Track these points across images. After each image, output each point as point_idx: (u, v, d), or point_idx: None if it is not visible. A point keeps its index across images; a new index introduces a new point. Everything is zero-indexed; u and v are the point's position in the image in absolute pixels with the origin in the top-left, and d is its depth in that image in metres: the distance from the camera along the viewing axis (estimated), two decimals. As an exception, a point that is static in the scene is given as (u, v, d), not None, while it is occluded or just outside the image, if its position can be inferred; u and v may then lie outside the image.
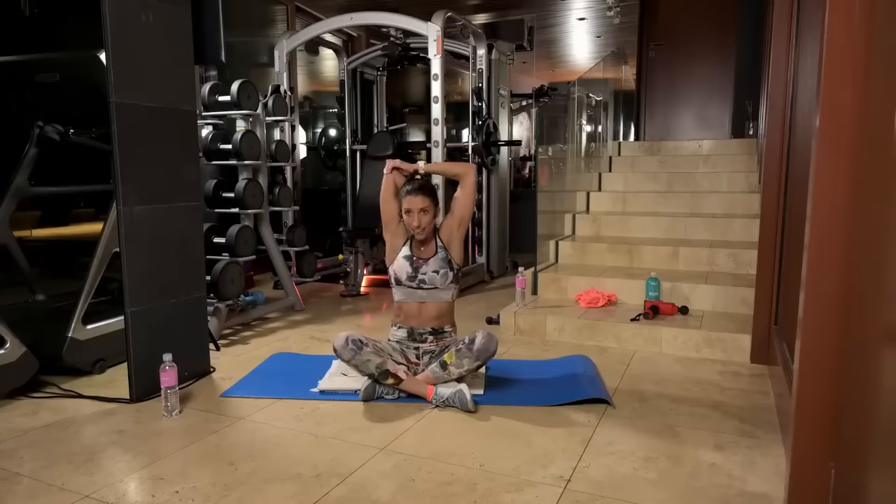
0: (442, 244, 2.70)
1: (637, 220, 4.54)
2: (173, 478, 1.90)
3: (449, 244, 2.69)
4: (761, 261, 2.93)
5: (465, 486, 1.83)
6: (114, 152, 2.42)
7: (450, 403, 2.40)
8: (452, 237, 2.70)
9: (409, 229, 2.67)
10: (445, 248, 2.69)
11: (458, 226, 2.71)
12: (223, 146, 3.87)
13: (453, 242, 2.70)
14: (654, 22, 7.11)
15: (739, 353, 3.06)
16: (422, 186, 2.65)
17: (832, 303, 1.43)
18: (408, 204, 2.62)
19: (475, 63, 5.12)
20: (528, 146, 9.39)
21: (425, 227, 2.63)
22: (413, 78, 6.17)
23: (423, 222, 2.61)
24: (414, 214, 2.60)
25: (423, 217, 2.61)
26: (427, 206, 2.62)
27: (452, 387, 2.43)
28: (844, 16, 1.39)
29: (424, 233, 2.65)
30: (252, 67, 5.93)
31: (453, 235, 2.70)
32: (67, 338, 2.74)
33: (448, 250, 2.69)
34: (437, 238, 2.71)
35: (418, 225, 2.61)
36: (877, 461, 1.10)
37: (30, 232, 3.87)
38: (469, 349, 2.48)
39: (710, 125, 6.98)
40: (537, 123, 9.14)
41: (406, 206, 2.62)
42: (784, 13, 2.79)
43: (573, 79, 5.47)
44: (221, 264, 3.55)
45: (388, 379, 2.45)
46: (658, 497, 1.78)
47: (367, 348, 2.48)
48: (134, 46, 2.47)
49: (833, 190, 1.42)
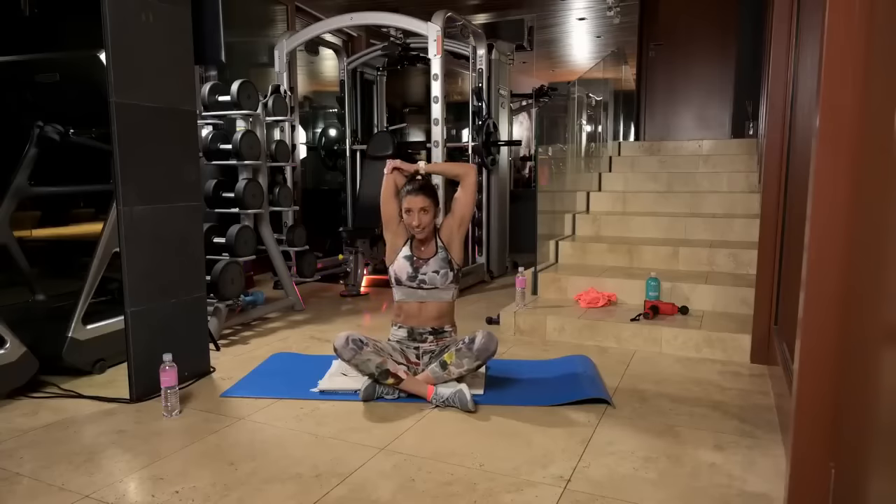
0: (442, 244, 2.70)
1: (637, 220, 4.54)
2: (173, 478, 1.90)
3: (449, 244, 2.70)
4: (761, 261, 2.93)
5: (465, 486, 1.83)
6: (114, 152, 2.42)
7: (450, 403, 2.40)
8: (453, 237, 2.70)
9: (409, 229, 2.67)
10: (446, 249, 2.69)
11: (459, 226, 2.71)
12: (223, 146, 3.87)
13: (453, 243, 2.70)
14: (654, 22, 7.11)
15: (739, 353, 3.06)
16: (422, 186, 2.65)
17: (832, 303, 1.43)
18: (408, 203, 2.62)
19: (475, 63, 5.12)
20: (528, 146, 9.39)
21: (425, 226, 2.63)
22: (413, 78, 6.17)
23: (423, 222, 2.62)
24: (414, 214, 2.61)
25: (424, 216, 2.61)
26: (427, 206, 2.62)
27: (452, 387, 2.43)
28: (844, 16, 1.39)
29: (424, 232, 2.65)
30: (252, 67, 5.93)
31: (454, 236, 2.70)
32: (67, 338, 2.74)
33: (448, 250, 2.69)
34: (437, 238, 2.71)
35: (418, 224, 2.61)
36: (877, 461, 1.10)
37: (30, 232, 3.87)
38: (469, 349, 2.48)
39: (710, 125, 6.98)
40: (537, 123, 9.14)
41: (406, 206, 2.63)
42: (784, 13, 2.79)
43: (573, 79, 5.47)
44: (221, 264, 3.55)
45: (388, 379, 2.45)
46: (658, 497, 1.78)
47: (367, 348, 2.48)
48: (134, 46, 2.47)
49: (833, 190, 1.42)
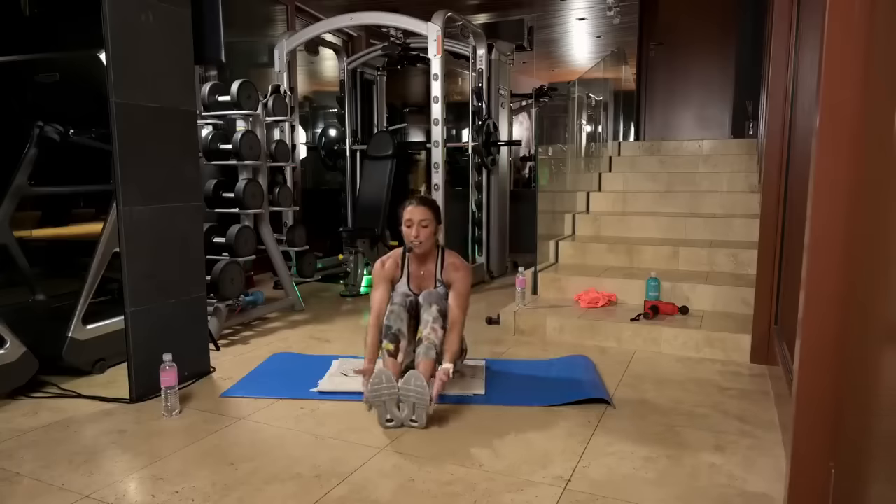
0: (441, 281, 2.68)
1: (637, 220, 4.54)
2: (173, 478, 1.90)
3: (449, 285, 2.67)
4: (761, 261, 2.93)
5: (465, 486, 1.83)
6: (114, 152, 2.42)
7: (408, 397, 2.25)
8: (453, 284, 2.66)
9: (407, 242, 2.63)
10: (445, 286, 2.67)
11: (455, 295, 2.65)
12: (223, 146, 3.88)
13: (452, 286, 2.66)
14: (654, 22, 7.11)
15: (739, 353, 3.06)
16: (424, 199, 2.65)
17: (832, 303, 1.43)
18: (409, 214, 2.59)
19: (475, 63, 5.12)
20: (528, 146, 9.39)
21: (424, 240, 2.60)
22: (413, 78, 6.16)
23: (422, 235, 2.59)
24: (414, 225, 2.58)
25: (423, 230, 2.59)
26: (427, 220, 2.59)
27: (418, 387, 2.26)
28: (844, 15, 1.39)
29: (423, 247, 2.61)
30: (252, 67, 5.93)
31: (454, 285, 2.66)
32: (67, 338, 2.74)
33: (448, 288, 2.66)
34: (437, 273, 2.69)
35: (416, 236, 2.58)
36: (877, 461, 1.10)
37: (30, 232, 3.86)
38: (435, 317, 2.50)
39: (710, 125, 6.98)
40: (537, 123, 9.14)
41: (407, 217, 2.60)
42: (784, 13, 2.79)
43: (573, 79, 5.47)
44: (221, 264, 3.55)
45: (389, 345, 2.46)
46: (658, 497, 1.78)
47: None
48: (134, 46, 2.47)
49: (833, 190, 1.42)
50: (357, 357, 3.05)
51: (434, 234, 2.64)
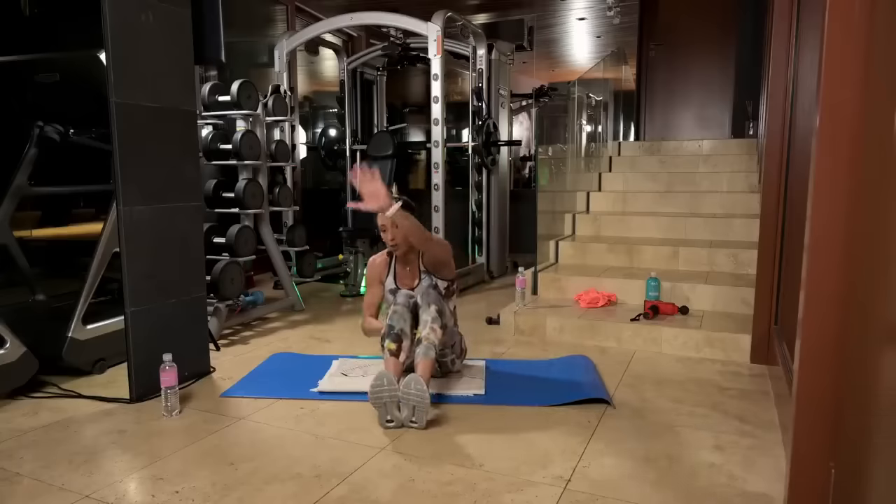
0: (425, 270, 2.71)
1: (637, 220, 4.54)
2: (173, 478, 1.90)
3: (434, 269, 2.69)
4: (761, 261, 2.93)
5: (465, 486, 1.83)
6: (114, 152, 2.42)
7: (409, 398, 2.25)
8: (436, 264, 2.69)
9: (387, 245, 2.68)
10: (430, 274, 2.70)
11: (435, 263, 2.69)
12: (223, 146, 3.87)
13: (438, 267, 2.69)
14: (654, 22, 7.11)
15: (739, 353, 3.06)
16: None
17: (832, 303, 1.43)
18: (381, 219, 2.62)
19: (475, 63, 5.12)
20: (528, 146, 9.39)
21: (399, 242, 2.64)
22: (413, 78, 6.16)
23: (397, 237, 2.63)
24: (388, 229, 2.62)
25: (398, 232, 2.62)
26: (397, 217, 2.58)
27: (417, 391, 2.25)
28: (844, 15, 1.39)
29: (401, 248, 2.67)
30: (252, 67, 5.93)
31: (436, 263, 2.69)
32: (67, 338, 2.74)
33: (433, 275, 2.69)
34: (419, 263, 2.72)
35: (392, 238, 2.63)
36: (877, 461, 1.10)
37: (30, 232, 3.86)
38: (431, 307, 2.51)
39: (710, 125, 6.99)
40: (537, 123, 9.14)
41: (381, 221, 2.64)
42: (784, 13, 2.79)
43: (573, 79, 5.47)
44: (221, 264, 3.55)
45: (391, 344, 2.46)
46: (658, 497, 1.78)
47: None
48: (134, 46, 2.47)
49: (833, 190, 1.42)
50: (357, 357, 3.05)
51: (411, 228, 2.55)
